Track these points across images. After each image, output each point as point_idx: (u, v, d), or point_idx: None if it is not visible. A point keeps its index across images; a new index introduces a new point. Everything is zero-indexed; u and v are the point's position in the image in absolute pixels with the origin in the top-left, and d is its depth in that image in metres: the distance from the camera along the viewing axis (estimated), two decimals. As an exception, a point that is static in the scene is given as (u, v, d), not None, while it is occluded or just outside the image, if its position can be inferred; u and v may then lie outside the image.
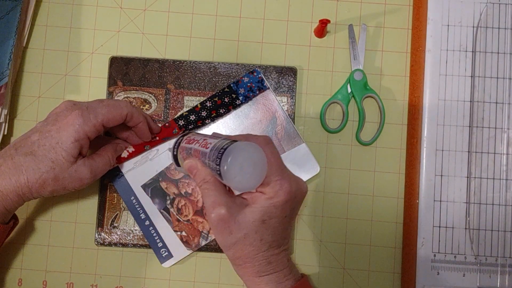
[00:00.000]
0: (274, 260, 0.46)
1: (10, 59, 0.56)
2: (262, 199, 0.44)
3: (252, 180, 0.43)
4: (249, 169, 0.43)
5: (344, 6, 0.59)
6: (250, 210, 0.44)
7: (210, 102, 0.57)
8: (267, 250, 0.45)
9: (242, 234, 0.44)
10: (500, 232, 0.55)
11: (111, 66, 0.58)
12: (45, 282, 0.57)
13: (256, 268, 0.45)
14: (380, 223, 0.57)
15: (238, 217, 0.44)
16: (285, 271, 0.46)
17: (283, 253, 0.47)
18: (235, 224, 0.44)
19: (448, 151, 0.56)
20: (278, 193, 0.44)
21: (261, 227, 0.44)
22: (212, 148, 0.45)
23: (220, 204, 0.44)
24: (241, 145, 0.43)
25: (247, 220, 0.44)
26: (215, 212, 0.44)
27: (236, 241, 0.44)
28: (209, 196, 0.45)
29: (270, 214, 0.44)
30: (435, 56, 0.57)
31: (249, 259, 0.45)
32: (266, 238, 0.45)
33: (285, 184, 0.44)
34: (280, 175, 0.44)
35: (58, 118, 0.48)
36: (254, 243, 0.44)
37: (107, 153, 0.52)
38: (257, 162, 0.43)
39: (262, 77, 0.57)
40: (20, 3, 0.57)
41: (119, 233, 0.57)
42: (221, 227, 0.44)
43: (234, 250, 0.45)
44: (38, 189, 0.47)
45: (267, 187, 0.44)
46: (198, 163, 0.46)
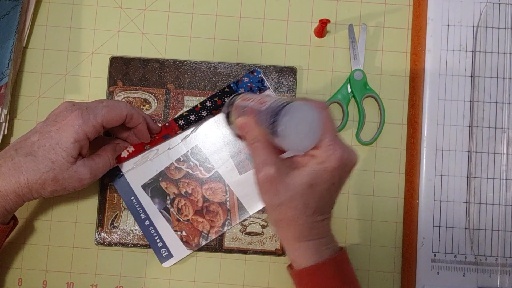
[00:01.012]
0: (316, 227, 0.45)
1: (10, 59, 0.56)
2: (312, 162, 0.43)
3: (306, 141, 0.43)
4: (303, 130, 0.42)
5: (344, 6, 0.59)
6: (299, 173, 0.43)
7: (210, 102, 0.57)
8: (311, 216, 0.44)
9: (288, 196, 0.43)
10: (500, 232, 0.55)
11: (111, 66, 0.58)
12: (45, 282, 0.57)
13: (298, 232, 0.45)
14: (380, 223, 0.57)
15: (286, 178, 0.43)
16: (325, 240, 0.45)
17: (326, 221, 0.46)
18: (283, 185, 0.43)
19: (448, 151, 0.56)
20: (330, 158, 0.43)
21: (307, 191, 0.43)
22: (268, 106, 0.44)
23: (270, 164, 0.43)
24: (299, 105, 0.42)
25: (295, 182, 0.43)
26: (264, 171, 0.43)
27: (281, 203, 0.44)
28: (259, 155, 0.44)
29: (319, 179, 0.43)
30: (435, 56, 0.57)
31: (292, 222, 0.44)
32: (311, 203, 0.44)
33: (337, 150, 0.43)
34: (333, 141, 0.43)
35: (58, 118, 0.48)
36: (298, 206, 0.43)
37: (106, 154, 0.52)
38: (312, 124, 0.43)
39: (262, 77, 0.57)
40: (20, 3, 0.57)
41: (119, 233, 0.57)
42: (268, 187, 0.44)
43: (278, 211, 0.44)
44: (38, 189, 0.47)
45: (319, 151, 0.43)
46: (252, 121, 0.46)
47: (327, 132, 0.44)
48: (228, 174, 0.57)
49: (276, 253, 0.57)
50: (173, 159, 0.57)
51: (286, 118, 0.42)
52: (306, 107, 0.43)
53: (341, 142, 0.44)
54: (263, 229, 0.57)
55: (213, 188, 0.57)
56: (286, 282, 0.57)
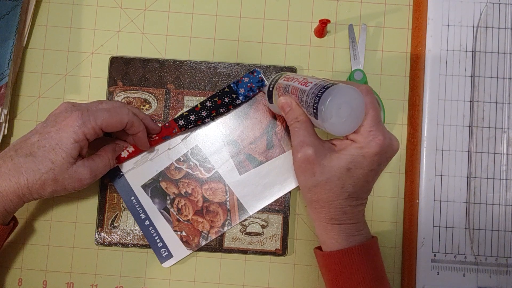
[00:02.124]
0: (350, 211, 0.45)
1: (10, 59, 0.56)
2: (352, 147, 0.44)
3: (347, 125, 0.43)
4: (346, 113, 0.42)
5: (344, 6, 0.59)
6: (337, 156, 0.44)
7: (210, 102, 0.57)
8: (345, 200, 0.44)
9: (325, 178, 0.43)
10: (500, 232, 0.55)
11: (111, 66, 0.58)
12: (45, 282, 0.57)
13: (331, 214, 0.45)
14: (380, 223, 0.57)
15: (324, 160, 0.44)
16: (358, 225, 0.46)
17: (360, 207, 0.46)
18: (320, 166, 0.43)
19: (448, 151, 0.56)
20: (370, 143, 0.43)
21: (344, 174, 0.43)
22: (312, 86, 0.44)
23: (308, 145, 0.44)
24: (343, 88, 0.42)
25: (333, 165, 0.43)
26: (302, 151, 0.43)
27: (317, 184, 0.44)
28: (298, 135, 0.44)
29: (357, 163, 0.43)
30: (435, 56, 0.57)
31: (326, 204, 0.44)
32: (347, 187, 0.44)
33: (378, 136, 0.43)
34: (375, 127, 0.43)
35: (58, 119, 0.48)
36: (334, 189, 0.44)
37: (106, 154, 0.52)
38: (355, 108, 0.43)
39: (262, 77, 0.57)
40: (20, 3, 0.57)
41: (119, 233, 0.57)
42: (305, 167, 0.44)
43: (313, 192, 0.45)
44: (38, 190, 0.47)
45: (360, 135, 0.44)
46: (293, 101, 0.46)
47: (370, 117, 0.43)
48: (228, 174, 0.57)
49: (276, 253, 0.57)
50: (173, 159, 0.57)
51: (329, 101, 0.41)
52: (349, 91, 0.42)
53: (383, 129, 0.44)
54: (263, 229, 0.57)
55: (213, 188, 0.57)
56: (286, 282, 0.57)
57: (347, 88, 0.42)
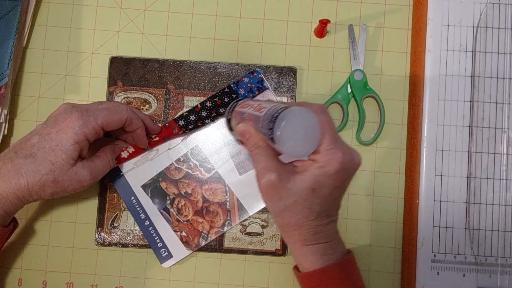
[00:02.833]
0: (322, 231, 0.45)
1: (10, 59, 0.56)
2: (313, 167, 0.43)
3: (305, 147, 0.43)
4: (302, 135, 0.42)
5: (344, 6, 0.59)
6: (301, 177, 0.43)
7: (210, 102, 0.57)
8: (315, 219, 0.44)
9: (291, 201, 0.43)
10: (500, 232, 0.55)
11: (111, 66, 0.58)
12: (45, 282, 0.57)
13: (303, 236, 0.45)
14: (380, 223, 0.57)
15: (288, 183, 0.43)
16: (332, 243, 0.45)
17: (332, 224, 0.46)
18: (285, 190, 0.43)
19: (448, 151, 0.56)
20: (330, 162, 0.43)
21: (310, 195, 0.43)
22: (266, 112, 0.44)
23: (271, 170, 0.43)
24: (296, 110, 0.42)
25: (297, 187, 0.43)
26: (266, 177, 0.43)
27: (284, 208, 0.44)
28: (260, 161, 0.44)
29: (321, 183, 0.43)
30: (435, 56, 0.57)
31: (297, 226, 0.44)
32: (314, 207, 0.44)
33: (337, 154, 0.43)
34: (333, 144, 0.43)
35: (58, 120, 0.48)
36: (302, 211, 0.44)
37: (106, 155, 0.52)
38: (310, 129, 0.43)
39: (262, 77, 0.57)
40: (20, 3, 0.57)
41: (119, 233, 0.57)
42: (271, 193, 0.44)
43: (282, 216, 0.44)
44: (38, 191, 0.47)
45: (319, 155, 0.43)
46: (251, 128, 0.46)
47: (327, 135, 0.43)
48: (228, 175, 0.57)
49: (276, 253, 0.57)
50: (173, 159, 0.57)
51: (283, 124, 0.41)
52: (303, 112, 0.42)
53: (343, 145, 0.44)
54: (263, 229, 0.57)
55: (213, 189, 0.57)
56: (286, 282, 0.57)
57: (299, 110, 0.42)
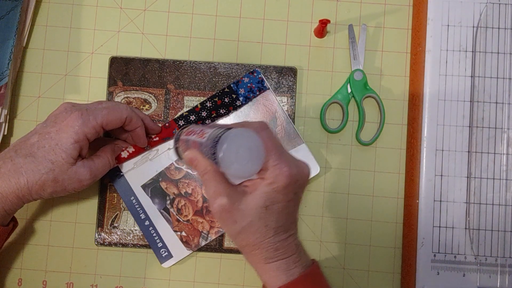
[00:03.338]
0: (282, 246, 0.45)
1: (10, 59, 0.56)
2: (262, 185, 0.43)
3: (250, 167, 0.43)
4: (246, 156, 0.42)
5: (344, 6, 0.59)
6: (252, 197, 0.43)
7: (210, 102, 0.57)
8: (273, 236, 0.44)
9: (247, 222, 0.43)
10: (500, 232, 0.55)
11: (111, 66, 0.58)
12: (45, 282, 0.57)
13: (264, 254, 0.45)
14: (380, 223, 0.57)
15: (240, 205, 0.43)
16: (294, 257, 0.45)
17: (291, 238, 0.46)
18: (238, 212, 0.43)
19: (448, 151, 0.56)
20: (278, 177, 0.43)
21: (264, 213, 0.43)
22: (208, 137, 0.44)
23: (222, 194, 0.43)
24: (236, 132, 0.42)
25: (250, 207, 0.43)
26: (217, 202, 0.43)
27: (241, 229, 0.44)
28: (210, 187, 0.44)
29: (273, 199, 0.43)
30: (435, 56, 0.57)
31: (256, 246, 0.44)
32: (271, 224, 0.44)
33: (284, 168, 0.43)
34: (279, 160, 0.43)
35: (58, 119, 0.48)
36: (259, 230, 0.44)
37: (106, 154, 0.52)
38: (253, 148, 0.43)
39: (262, 77, 0.57)
40: (20, 3, 0.57)
41: (119, 233, 0.57)
42: (225, 216, 0.44)
43: (240, 238, 0.45)
44: (38, 190, 0.47)
45: (267, 172, 0.43)
46: (198, 154, 0.46)
47: (271, 152, 0.43)
48: (228, 174, 0.57)
49: (276, 253, 0.56)
50: (173, 159, 0.57)
51: (224, 147, 0.41)
52: (244, 132, 0.43)
53: (289, 159, 0.44)
54: (263, 229, 0.57)
55: (213, 188, 0.57)
56: (286, 282, 0.57)
57: (239, 131, 0.43)
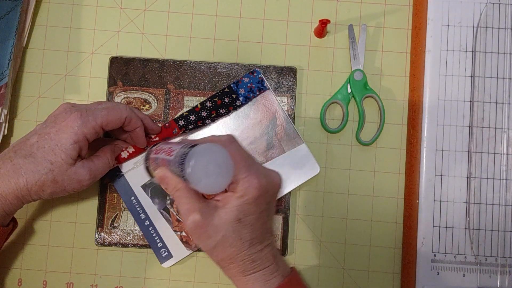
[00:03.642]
0: (258, 258, 0.45)
1: (10, 59, 0.56)
2: (234, 198, 0.44)
3: (219, 181, 0.43)
4: (214, 170, 0.42)
5: (344, 6, 0.59)
6: (224, 211, 0.44)
7: (210, 102, 0.57)
8: (249, 248, 0.44)
9: (221, 236, 0.44)
10: (500, 232, 0.55)
11: (111, 66, 0.58)
12: (45, 282, 0.57)
13: (241, 267, 0.45)
14: (380, 223, 0.57)
15: (213, 220, 0.43)
16: (271, 268, 0.46)
17: (267, 249, 0.46)
18: (212, 227, 0.43)
19: (448, 151, 0.56)
20: (248, 190, 0.43)
21: (238, 226, 0.44)
22: (175, 155, 0.44)
23: (194, 210, 0.43)
24: (202, 147, 0.42)
25: (223, 221, 0.43)
26: (190, 219, 0.43)
27: (216, 244, 0.44)
28: (182, 203, 0.44)
29: (245, 212, 0.44)
30: (435, 56, 0.57)
31: (233, 259, 0.45)
32: (245, 237, 0.44)
33: (253, 180, 0.43)
34: (248, 172, 0.44)
35: (57, 120, 0.48)
36: (234, 243, 0.44)
37: (106, 155, 0.52)
38: (221, 162, 0.42)
39: (262, 77, 0.57)
40: (20, 3, 0.57)
41: (119, 233, 0.57)
42: (199, 232, 0.44)
43: (216, 253, 0.45)
44: (37, 191, 0.47)
45: (237, 185, 0.44)
46: (168, 172, 0.46)
47: (240, 164, 0.44)
48: (228, 174, 0.57)
49: (276, 253, 0.57)
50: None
51: (192, 163, 0.41)
52: (210, 148, 0.42)
53: (258, 170, 0.44)
54: (263, 229, 0.57)
55: (213, 188, 0.57)
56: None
57: (206, 146, 0.42)
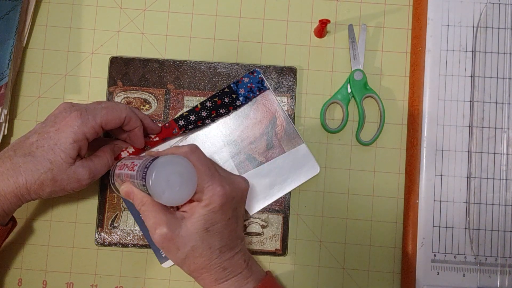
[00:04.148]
0: (229, 265, 0.45)
1: (10, 59, 0.56)
2: (199, 208, 0.44)
3: (182, 192, 0.43)
4: (176, 182, 0.42)
5: (344, 6, 0.59)
6: (191, 221, 0.44)
7: (210, 102, 0.57)
8: (219, 257, 0.45)
9: (190, 247, 0.44)
10: (500, 232, 0.55)
11: (111, 66, 0.58)
12: (45, 282, 0.57)
13: (213, 276, 0.45)
14: (380, 223, 0.57)
15: (181, 232, 0.44)
16: (244, 273, 0.46)
17: (238, 255, 0.46)
18: (180, 239, 0.43)
19: (448, 151, 0.56)
20: (213, 198, 0.43)
21: (206, 235, 0.44)
22: (137, 169, 0.44)
23: (161, 224, 0.43)
24: (163, 160, 0.42)
25: (191, 232, 0.43)
26: (157, 232, 0.43)
27: (186, 256, 0.44)
28: (149, 218, 0.44)
29: (212, 220, 0.44)
30: (435, 56, 0.57)
31: (204, 269, 0.45)
32: (214, 245, 0.44)
33: (217, 188, 0.44)
34: (211, 180, 0.44)
35: (57, 119, 0.48)
36: (203, 253, 0.44)
37: (105, 154, 0.52)
38: (183, 173, 0.42)
39: (262, 77, 0.57)
40: (20, 3, 0.57)
41: (119, 233, 0.57)
42: (167, 245, 0.44)
43: (187, 264, 0.45)
44: (37, 190, 0.47)
45: (202, 194, 0.44)
46: (133, 187, 0.46)
47: (203, 173, 0.44)
48: (228, 174, 0.57)
49: (276, 253, 0.57)
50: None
51: (153, 177, 0.41)
52: (171, 159, 0.42)
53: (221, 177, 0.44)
54: (263, 229, 0.57)
55: (213, 188, 0.57)
56: (286, 282, 0.57)
57: (167, 158, 0.42)
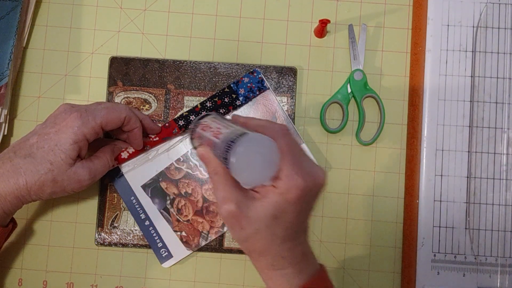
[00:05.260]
0: (288, 255, 0.44)
1: (10, 59, 0.56)
2: (274, 193, 0.42)
3: (262, 175, 0.41)
4: (258, 163, 0.40)
5: (344, 6, 0.59)
6: (261, 204, 0.42)
7: (210, 102, 0.57)
8: (281, 244, 0.43)
9: (253, 229, 0.42)
10: (500, 232, 0.55)
11: (111, 66, 0.58)
12: (45, 282, 0.57)
13: (270, 261, 0.44)
14: (380, 223, 0.57)
15: (249, 212, 0.42)
16: (300, 265, 0.44)
17: (298, 247, 0.44)
18: (246, 219, 0.42)
19: (448, 151, 0.56)
20: (291, 189, 0.41)
21: (273, 223, 0.42)
22: (222, 139, 0.42)
23: (230, 200, 0.42)
24: (251, 138, 0.40)
25: (258, 215, 0.42)
26: (225, 208, 0.42)
27: (247, 236, 0.42)
28: (218, 190, 0.43)
29: (283, 210, 0.42)
30: (435, 56, 0.57)
31: (262, 253, 0.43)
32: (278, 233, 0.42)
33: (298, 180, 0.41)
34: (294, 170, 0.41)
35: (57, 120, 0.48)
36: (266, 237, 0.42)
37: (105, 155, 0.52)
38: (267, 156, 0.41)
39: (262, 77, 0.57)
40: (20, 3, 0.57)
41: (119, 233, 0.57)
42: (232, 222, 0.42)
43: (247, 244, 0.43)
44: (37, 191, 0.47)
45: (280, 181, 0.41)
46: (210, 153, 0.44)
47: (286, 160, 0.41)
48: (228, 174, 0.57)
49: (276, 253, 0.56)
50: (173, 159, 0.57)
51: (237, 153, 0.39)
52: (259, 140, 0.41)
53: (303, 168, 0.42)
54: (263, 229, 0.57)
55: (213, 188, 0.57)
56: (286, 282, 0.57)
57: (254, 137, 0.41)
